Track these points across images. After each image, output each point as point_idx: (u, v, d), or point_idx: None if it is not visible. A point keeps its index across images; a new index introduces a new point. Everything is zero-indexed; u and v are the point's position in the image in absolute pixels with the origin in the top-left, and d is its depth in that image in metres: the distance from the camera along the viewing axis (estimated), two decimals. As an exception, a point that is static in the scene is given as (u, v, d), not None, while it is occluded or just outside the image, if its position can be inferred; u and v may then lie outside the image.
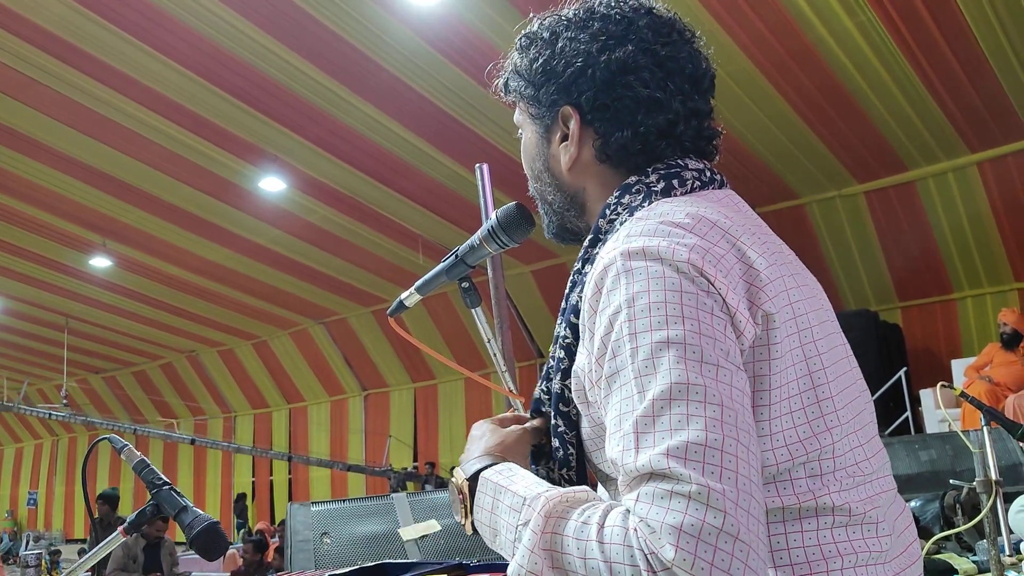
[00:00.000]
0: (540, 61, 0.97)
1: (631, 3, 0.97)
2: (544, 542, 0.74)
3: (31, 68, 6.20)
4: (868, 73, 5.96)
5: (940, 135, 6.78)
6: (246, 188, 8.07)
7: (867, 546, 0.79)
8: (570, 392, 0.91)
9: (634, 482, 0.71)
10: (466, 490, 0.88)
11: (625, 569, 0.68)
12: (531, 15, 1.04)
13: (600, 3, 0.97)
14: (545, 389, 0.98)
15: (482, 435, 0.96)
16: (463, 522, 0.89)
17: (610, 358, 0.78)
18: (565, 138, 0.98)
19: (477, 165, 1.42)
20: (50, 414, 5.61)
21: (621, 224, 0.89)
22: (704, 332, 0.74)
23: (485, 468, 0.88)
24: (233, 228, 8.93)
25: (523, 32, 1.03)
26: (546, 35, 0.98)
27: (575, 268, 0.96)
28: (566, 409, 0.93)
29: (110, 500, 8.10)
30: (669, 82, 0.93)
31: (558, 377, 0.93)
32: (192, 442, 6.22)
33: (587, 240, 0.96)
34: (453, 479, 0.91)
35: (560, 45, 0.96)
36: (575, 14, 0.98)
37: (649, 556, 0.66)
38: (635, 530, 0.68)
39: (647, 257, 0.78)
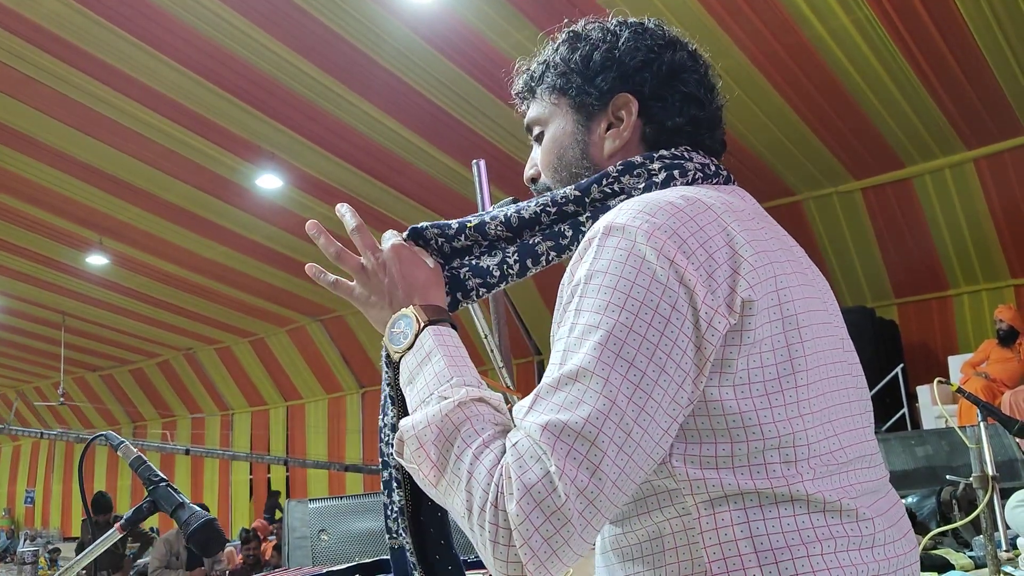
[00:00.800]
0: (601, 50, 1.03)
1: (668, 28, 1.07)
2: (442, 422, 0.83)
3: (27, 66, 6.19)
4: (865, 70, 5.97)
5: (937, 132, 6.79)
6: (243, 185, 8.06)
7: (846, 531, 0.80)
8: None
9: (518, 432, 0.78)
10: (421, 328, 0.94)
11: (478, 490, 0.77)
12: (565, 19, 1.11)
13: (647, 20, 1.06)
14: None
15: (427, 278, 1.01)
16: (400, 352, 0.95)
17: (560, 325, 0.84)
18: (610, 126, 1.03)
19: (474, 161, 1.42)
20: (42, 433, 5.51)
21: (615, 205, 0.92)
22: (635, 328, 0.78)
23: (436, 323, 0.95)
24: (230, 225, 8.92)
25: (568, 31, 1.09)
26: (599, 34, 1.05)
27: (541, 202, 1.00)
28: None
29: (104, 504, 8.08)
30: (708, 90, 1.03)
31: None
32: (187, 452, 6.20)
33: (569, 191, 0.99)
34: (409, 311, 0.96)
35: (620, 42, 1.03)
36: (623, 23, 1.06)
37: (499, 496, 0.75)
38: (502, 469, 0.76)
39: (624, 235, 0.82)
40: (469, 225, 1.03)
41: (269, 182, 7.96)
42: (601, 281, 0.80)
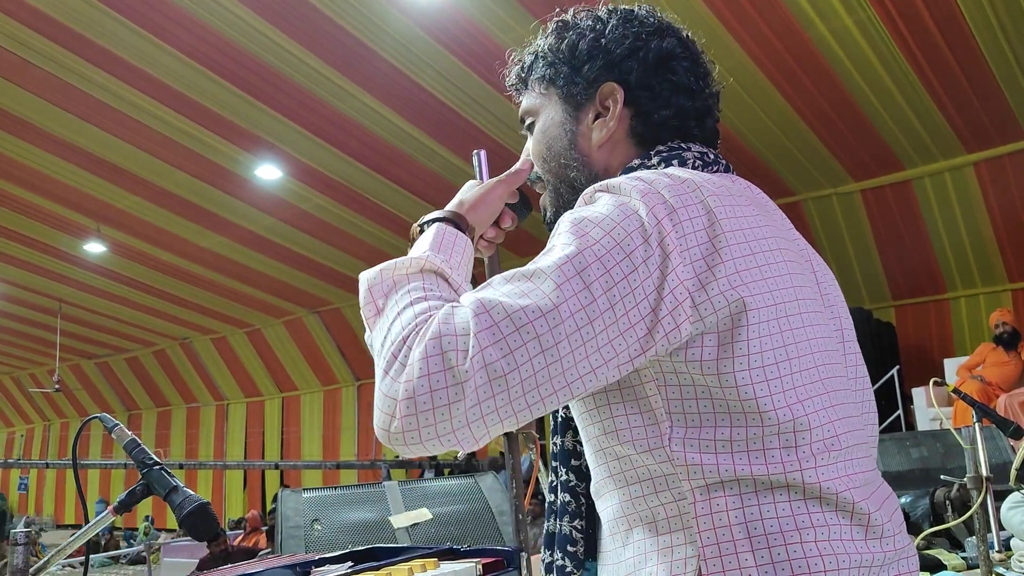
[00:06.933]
0: (587, 39, 1.03)
1: (659, 13, 1.07)
2: (395, 276, 0.86)
3: (26, 50, 6.17)
4: (867, 72, 5.97)
5: (937, 135, 6.79)
6: (242, 176, 8.05)
7: (839, 520, 0.80)
8: None
9: (457, 302, 0.79)
10: (416, 235, 0.99)
11: (397, 326, 0.78)
12: (556, 9, 1.11)
13: (636, 7, 1.06)
14: None
15: (466, 189, 1.06)
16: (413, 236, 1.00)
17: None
18: (598, 116, 1.02)
19: (475, 151, 1.41)
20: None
21: None
22: (603, 259, 0.78)
23: (436, 220, 0.98)
24: (228, 216, 8.91)
25: (557, 20, 1.09)
26: (588, 22, 1.05)
27: None
28: None
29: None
30: (699, 78, 1.03)
31: None
32: (180, 467, 6.15)
33: None
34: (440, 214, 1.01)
35: (607, 31, 1.03)
36: (612, 11, 1.05)
37: (413, 334, 0.76)
38: (428, 316, 0.77)
39: (612, 191, 0.85)
40: None
41: (268, 172, 7.95)
42: (585, 215, 0.82)
